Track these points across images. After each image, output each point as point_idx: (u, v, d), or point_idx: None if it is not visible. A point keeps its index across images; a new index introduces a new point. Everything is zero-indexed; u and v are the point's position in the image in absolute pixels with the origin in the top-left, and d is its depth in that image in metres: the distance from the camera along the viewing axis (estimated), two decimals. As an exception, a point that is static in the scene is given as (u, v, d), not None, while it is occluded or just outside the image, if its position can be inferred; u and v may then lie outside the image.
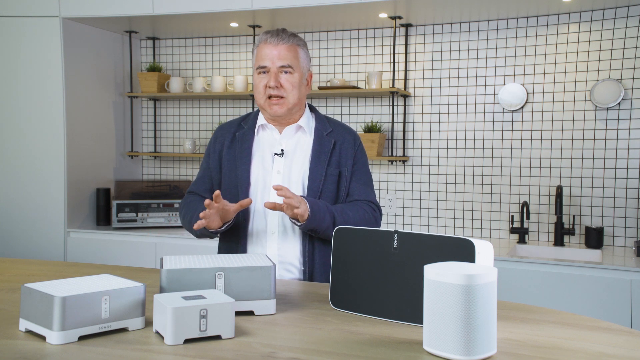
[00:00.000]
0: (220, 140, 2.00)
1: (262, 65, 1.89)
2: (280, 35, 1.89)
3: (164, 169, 4.27)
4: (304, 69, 1.94)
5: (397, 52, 3.60)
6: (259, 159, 1.93)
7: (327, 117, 2.03)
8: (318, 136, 1.94)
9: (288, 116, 1.92)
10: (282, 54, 1.87)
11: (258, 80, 1.90)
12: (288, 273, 1.88)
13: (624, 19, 3.21)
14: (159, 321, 1.19)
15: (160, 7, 3.49)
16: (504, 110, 3.46)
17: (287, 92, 1.87)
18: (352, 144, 1.96)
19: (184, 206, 1.97)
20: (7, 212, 3.70)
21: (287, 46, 1.88)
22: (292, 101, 1.89)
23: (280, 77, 1.87)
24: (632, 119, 3.21)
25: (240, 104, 4.06)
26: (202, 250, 3.45)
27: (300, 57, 1.91)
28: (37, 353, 1.11)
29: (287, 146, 1.93)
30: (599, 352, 1.14)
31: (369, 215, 1.89)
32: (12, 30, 3.63)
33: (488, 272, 1.09)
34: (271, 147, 1.94)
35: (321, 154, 1.91)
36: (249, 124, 1.99)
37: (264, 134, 1.97)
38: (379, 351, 1.14)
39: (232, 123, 2.04)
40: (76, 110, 3.72)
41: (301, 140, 1.95)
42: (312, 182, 1.87)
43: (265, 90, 1.88)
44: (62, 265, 2.00)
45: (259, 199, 1.89)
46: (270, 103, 1.88)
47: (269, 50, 1.88)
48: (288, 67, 1.88)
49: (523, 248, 3.30)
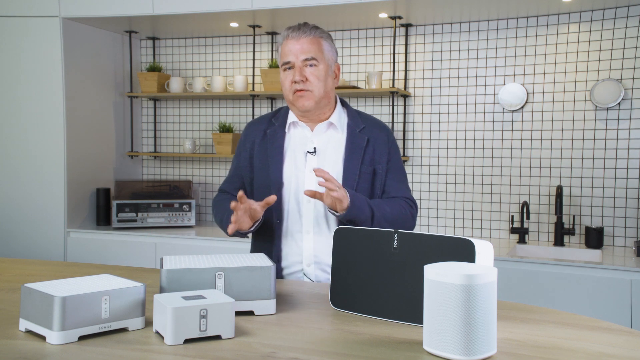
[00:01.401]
0: (250, 138, 1.96)
1: (286, 61, 1.86)
2: (302, 29, 1.86)
3: (164, 169, 4.27)
4: (330, 61, 1.90)
5: (397, 52, 3.60)
6: (291, 158, 1.89)
7: (359, 112, 2.00)
8: (351, 133, 1.91)
9: (317, 110, 1.89)
10: (305, 47, 1.85)
11: (284, 77, 1.88)
12: (324, 273, 1.85)
13: (624, 19, 3.21)
14: (159, 321, 1.19)
15: (160, 7, 3.49)
16: (504, 110, 3.46)
17: (312, 86, 1.84)
18: (385, 140, 1.93)
19: (215, 205, 1.98)
20: (7, 212, 3.70)
21: (310, 39, 1.86)
22: (318, 94, 1.85)
23: (305, 70, 1.84)
24: (632, 119, 3.21)
25: (240, 103, 4.06)
26: (202, 251, 3.46)
27: (324, 49, 1.88)
28: (37, 353, 1.11)
29: (319, 144, 1.90)
30: (599, 352, 1.14)
31: (406, 212, 1.88)
32: (12, 30, 3.63)
33: (488, 272, 1.09)
34: (303, 145, 1.91)
35: (354, 151, 1.88)
36: (280, 120, 1.95)
37: (295, 132, 1.94)
38: (379, 351, 1.14)
39: (262, 120, 2.00)
40: (76, 110, 3.72)
41: (333, 137, 1.92)
42: (346, 181, 1.85)
43: (292, 85, 1.86)
44: (62, 265, 2.00)
45: (292, 198, 1.87)
46: (297, 97, 1.85)
47: (291, 45, 1.85)
48: (312, 60, 1.84)
49: (523, 248, 3.30)
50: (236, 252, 3.15)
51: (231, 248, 3.40)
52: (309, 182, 1.85)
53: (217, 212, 1.94)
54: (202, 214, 4.16)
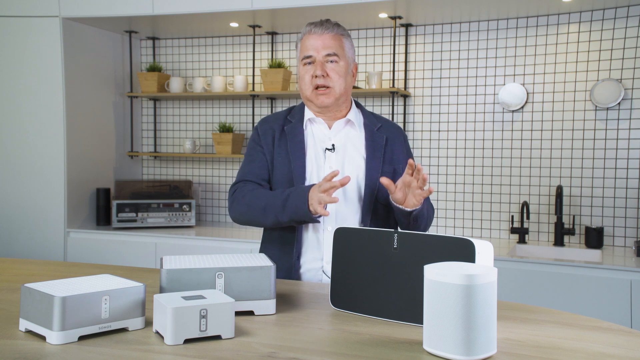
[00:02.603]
0: (270, 132, 1.92)
1: (308, 55, 1.86)
2: (324, 25, 1.86)
3: (164, 169, 4.27)
4: (350, 59, 1.90)
5: (397, 52, 3.60)
6: (311, 154, 1.89)
7: (373, 112, 2.01)
8: (369, 132, 1.92)
9: (335, 107, 1.89)
10: (327, 42, 1.85)
11: (304, 72, 1.88)
12: None
13: (624, 19, 3.21)
14: (159, 321, 1.19)
15: (160, 7, 3.49)
16: (504, 110, 3.46)
17: (333, 82, 1.85)
18: (401, 140, 1.95)
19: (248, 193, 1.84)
20: (7, 212, 3.70)
21: (332, 35, 1.86)
22: (338, 91, 1.86)
23: (326, 66, 1.84)
24: (632, 119, 3.21)
25: (240, 103, 4.06)
26: (202, 251, 3.46)
27: (345, 47, 1.88)
28: (37, 353, 1.11)
29: (337, 141, 1.90)
30: (599, 352, 1.14)
31: (432, 209, 1.91)
32: (12, 30, 3.63)
33: (488, 272, 1.09)
34: (321, 142, 1.90)
35: (375, 150, 1.88)
36: (296, 117, 1.94)
37: (312, 128, 1.93)
38: (379, 351, 1.14)
39: (277, 116, 1.98)
40: (76, 110, 3.72)
41: (350, 134, 1.92)
42: (369, 180, 1.85)
43: (312, 80, 1.85)
44: (62, 265, 2.00)
45: None
46: (317, 94, 1.85)
47: (314, 40, 1.85)
48: (334, 56, 1.85)
49: (523, 248, 3.30)
50: (236, 252, 3.15)
51: (231, 248, 3.40)
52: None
53: (254, 199, 1.80)
54: (202, 214, 4.16)
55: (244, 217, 1.86)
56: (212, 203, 4.15)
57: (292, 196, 1.73)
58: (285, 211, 1.73)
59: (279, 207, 1.74)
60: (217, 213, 4.14)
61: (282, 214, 1.74)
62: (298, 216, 1.72)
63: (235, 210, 1.87)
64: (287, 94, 3.75)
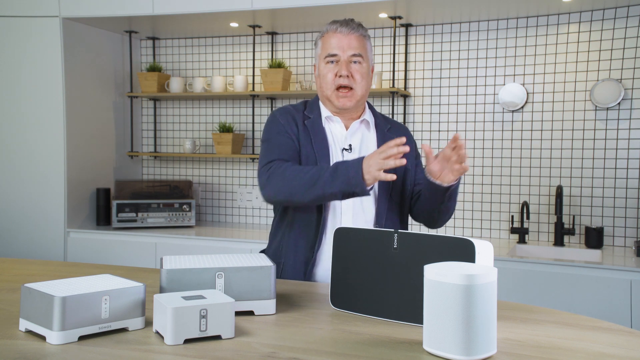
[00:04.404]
0: (293, 123, 1.87)
1: (333, 54, 1.84)
2: (350, 25, 1.86)
3: (164, 169, 4.27)
4: (371, 61, 1.91)
5: (397, 52, 3.60)
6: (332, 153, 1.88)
7: (382, 114, 2.02)
8: (381, 133, 1.93)
9: (354, 110, 1.89)
10: (353, 43, 1.84)
11: (326, 70, 1.86)
12: None
13: (624, 19, 3.21)
14: (159, 321, 1.19)
15: (160, 7, 3.49)
16: (504, 110, 3.46)
17: (356, 84, 1.84)
18: (410, 140, 1.96)
19: (288, 168, 1.74)
20: (7, 212, 3.70)
21: (357, 36, 1.85)
22: (360, 93, 1.86)
23: (351, 66, 1.84)
24: (632, 119, 3.21)
25: (240, 103, 4.06)
26: (202, 250, 3.46)
27: (367, 49, 1.88)
28: (37, 353, 1.11)
29: (353, 141, 1.91)
30: (599, 352, 1.14)
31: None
32: (12, 30, 3.63)
33: (488, 272, 1.09)
34: (338, 141, 1.91)
35: None
36: (315, 113, 1.92)
37: (330, 127, 1.92)
38: (379, 351, 1.14)
39: (296, 109, 1.93)
40: (76, 110, 3.72)
41: (365, 135, 1.93)
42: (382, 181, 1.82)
43: (335, 79, 1.84)
44: (62, 265, 2.00)
45: None
46: (339, 95, 1.84)
47: (340, 39, 1.84)
48: (359, 57, 1.84)
49: (523, 248, 3.30)
50: (236, 252, 3.15)
51: (231, 248, 3.40)
52: None
53: (302, 172, 1.71)
54: (202, 214, 4.16)
55: (282, 192, 1.73)
56: (212, 203, 4.15)
57: (342, 166, 1.65)
58: (335, 181, 1.64)
59: (328, 178, 1.66)
60: (217, 213, 4.14)
61: (330, 185, 1.65)
62: (350, 186, 1.63)
63: (273, 187, 1.75)
64: (287, 94, 3.75)
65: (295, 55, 3.90)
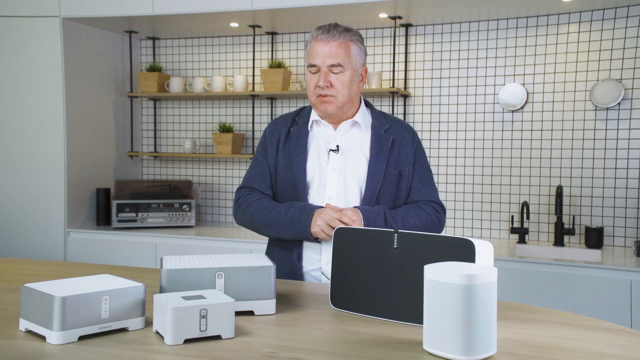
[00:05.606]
0: (276, 135, 1.94)
1: (312, 64, 1.85)
2: (331, 32, 1.83)
3: (164, 169, 4.27)
4: (357, 65, 1.87)
5: (397, 52, 3.60)
6: (314, 155, 1.89)
7: (383, 113, 1.99)
8: (376, 133, 1.90)
9: (339, 114, 1.89)
10: (333, 51, 1.82)
11: (309, 79, 1.87)
12: None
13: (624, 19, 3.21)
14: (159, 321, 1.19)
15: (160, 7, 3.49)
16: (504, 110, 3.46)
17: (336, 92, 1.83)
18: (410, 141, 1.92)
19: (252, 203, 1.89)
20: (7, 212, 3.70)
21: (339, 43, 1.82)
22: (342, 100, 1.85)
23: (330, 76, 1.83)
24: (632, 119, 3.21)
25: (240, 103, 4.06)
26: (202, 250, 3.46)
27: (352, 54, 1.85)
28: (37, 353, 1.11)
29: (342, 142, 1.89)
30: (599, 352, 1.14)
31: (433, 218, 1.86)
32: (12, 30, 3.63)
33: (488, 272, 1.09)
34: (326, 142, 1.90)
35: (380, 152, 1.87)
36: (303, 119, 1.94)
37: (318, 130, 1.93)
38: (379, 351, 1.14)
39: (286, 118, 1.98)
40: (76, 111, 3.72)
41: (357, 135, 1.91)
42: (370, 184, 1.84)
43: (315, 89, 1.85)
44: (62, 265, 2.00)
45: (315, 197, 1.86)
46: (321, 100, 1.85)
47: (319, 47, 1.83)
48: (338, 67, 1.82)
49: (523, 248, 3.30)
50: (236, 252, 3.15)
51: (231, 248, 3.40)
52: (331, 180, 1.86)
53: (258, 211, 1.87)
54: (202, 214, 4.16)
55: (247, 225, 1.93)
56: (212, 203, 4.15)
57: (297, 216, 1.80)
58: (288, 229, 1.81)
59: (283, 225, 1.82)
60: (217, 213, 4.14)
61: (285, 231, 1.82)
62: (299, 237, 1.81)
63: (239, 219, 1.94)
64: (287, 94, 3.75)
65: (295, 55, 3.90)
